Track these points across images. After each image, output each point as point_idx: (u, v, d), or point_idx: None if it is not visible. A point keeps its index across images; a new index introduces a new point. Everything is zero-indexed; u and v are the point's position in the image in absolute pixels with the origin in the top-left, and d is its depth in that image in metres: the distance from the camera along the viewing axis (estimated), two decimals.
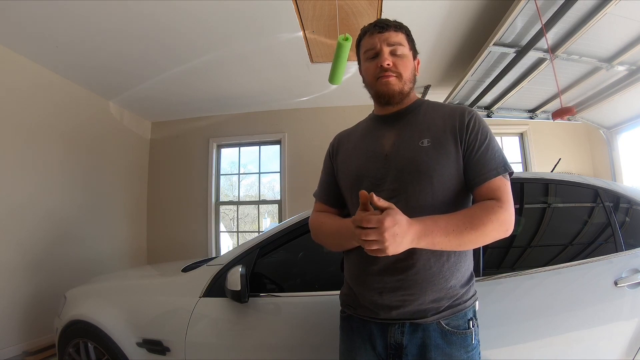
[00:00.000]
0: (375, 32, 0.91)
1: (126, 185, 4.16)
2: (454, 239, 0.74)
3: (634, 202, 1.48)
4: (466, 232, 0.74)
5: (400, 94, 0.90)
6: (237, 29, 2.64)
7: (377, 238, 0.67)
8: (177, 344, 1.43)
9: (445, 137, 0.85)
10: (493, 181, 0.81)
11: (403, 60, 0.90)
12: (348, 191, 0.94)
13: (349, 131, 1.05)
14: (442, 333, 0.80)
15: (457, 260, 0.83)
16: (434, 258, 0.80)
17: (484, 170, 0.82)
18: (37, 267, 2.94)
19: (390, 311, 0.82)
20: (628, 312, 1.23)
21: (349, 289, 0.92)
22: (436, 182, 0.82)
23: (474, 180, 0.83)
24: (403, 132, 0.90)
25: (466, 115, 0.87)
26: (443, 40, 2.85)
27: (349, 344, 0.90)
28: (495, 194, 0.80)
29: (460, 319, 0.82)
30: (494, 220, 0.76)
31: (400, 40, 0.91)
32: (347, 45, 1.95)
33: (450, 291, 0.82)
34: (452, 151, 0.84)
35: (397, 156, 0.86)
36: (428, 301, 0.80)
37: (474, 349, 0.83)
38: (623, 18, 2.07)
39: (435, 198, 0.82)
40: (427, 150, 0.84)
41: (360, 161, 0.92)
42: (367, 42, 0.93)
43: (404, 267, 0.80)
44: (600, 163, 3.96)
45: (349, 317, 0.92)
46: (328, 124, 4.20)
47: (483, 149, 0.83)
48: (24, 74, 2.92)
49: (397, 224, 0.68)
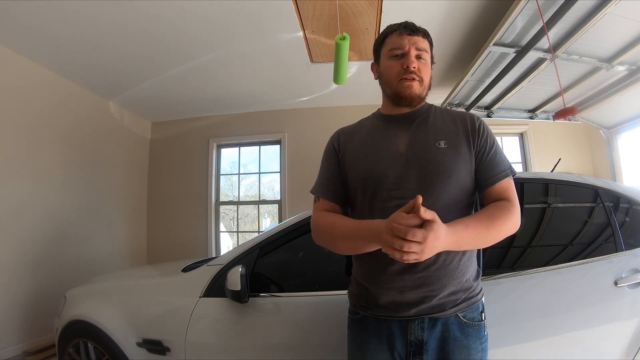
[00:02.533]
0: (405, 33, 0.92)
1: (126, 185, 4.16)
2: (478, 239, 0.80)
3: (634, 202, 1.48)
4: (489, 233, 0.80)
5: (419, 98, 0.93)
6: (236, 29, 2.64)
7: (417, 250, 0.68)
8: (177, 344, 1.43)
9: (459, 140, 0.89)
10: (502, 182, 0.88)
11: (426, 66, 0.93)
12: (360, 190, 0.91)
13: (351, 128, 1.03)
14: (459, 325, 0.84)
15: (471, 254, 0.88)
16: (453, 253, 0.84)
17: (494, 172, 0.88)
18: (37, 267, 2.94)
19: (410, 308, 0.83)
20: (628, 312, 1.23)
21: (362, 289, 0.91)
22: (454, 183, 0.86)
23: (486, 181, 0.88)
24: (417, 133, 0.91)
25: (475, 120, 0.92)
26: (443, 40, 2.85)
27: (362, 345, 0.89)
28: (505, 194, 0.87)
29: (474, 311, 0.86)
30: (510, 218, 0.83)
31: (425, 47, 0.94)
32: (345, 44, 1.95)
33: (466, 284, 0.86)
34: (466, 153, 0.88)
35: (414, 156, 0.88)
36: (447, 295, 0.83)
37: (486, 340, 0.87)
38: (623, 18, 2.07)
39: (452, 198, 0.86)
40: (444, 151, 0.87)
41: (373, 160, 0.91)
42: (394, 41, 0.93)
43: (425, 264, 0.81)
44: (600, 163, 3.95)
45: (363, 318, 0.90)
46: (328, 124, 4.17)
47: (492, 152, 0.89)
48: (24, 73, 2.92)
49: (439, 239, 0.70)
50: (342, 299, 1.04)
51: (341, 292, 1.17)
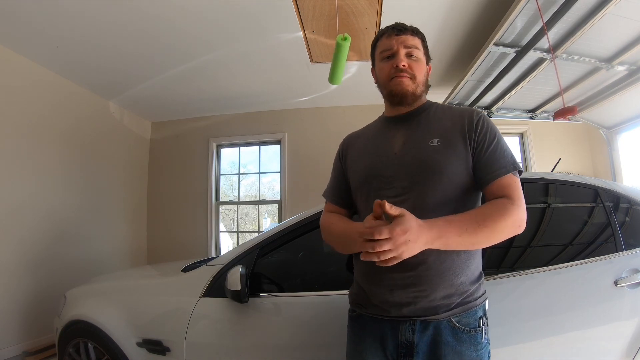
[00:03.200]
0: (392, 34, 0.93)
1: (126, 185, 4.15)
2: (467, 238, 0.75)
3: (634, 202, 1.48)
4: (479, 231, 0.75)
5: (412, 95, 0.92)
6: (237, 29, 2.64)
7: (390, 247, 0.67)
8: (177, 344, 1.43)
9: (454, 137, 0.87)
10: (503, 179, 0.83)
11: (418, 63, 0.92)
12: (357, 190, 0.95)
13: (358, 133, 1.06)
14: (452, 330, 0.80)
15: (467, 257, 0.84)
16: (445, 254, 0.80)
17: (493, 168, 0.84)
18: (37, 267, 2.94)
19: (401, 308, 0.82)
20: (628, 312, 1.23)
21: (359, 288, 0.92)
22: (446, 180, 0.83)
23: (485, 178, 0.84)
24: (413, 133, 0.91)
25: (474, 116, 0.89)
26: (443, 40, 2.85)
27: (359, 343, 0.90)
28: (506, 191, 0.82)
29: (470, 317, 0.82)
30: (506, 217, 0.77)
31: (416, 44, 0.93)
32: (345, 45, 1.94)
33: (461, 287, 0.82)
34: (462, 150, 0.85)
35: (407, 155, 0.88)
36: (439, 297, 0.80)
37: (483, 347, 0.83)
38: (623, 18, 2.07)
39: (446, 196, 0.83)
40: (437, 149, 0.86)
41: (370, 160, 0.93)
42: (384, 43, 0.94)
43: (415, 263, 0.80)
44: (600, 163, 3.95)
45: (360, 316, 0.91)
46: (328, 124, 4.20)
47: (492, 147, 0.85)
48: (24, 73, 2.92)
49: (409, 231, 0.68)
50: (342, 299, 1.04)
51: (341, 292, 1.17)
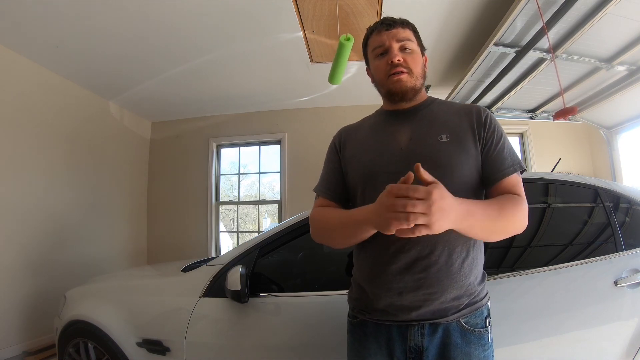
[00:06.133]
0: (382, 30, 0.90)
1: (126, 185, 4.15)
2: (489, 224, 0.74)
3: (634, 202, 1.48)
4: (499, 219, 0.74)
5: (412, 90, 0.89)
6: (237, 29, 2.64)
7: (425, 211, 0.60)
8: (177, 344, 1.43)
9: (464, 134, 0.85)
10: (511, 178, 0.83)
11: (413, 55, 0.89)
12: (359, 186, 0.89)
13: (355, 125, 1.01)
14: (461, 332, 0.79)
15: (475, 256, 0.83)
16: (455, 254, 0.79)
17: (502, 167, 0.83)
18: (37, 267, 2.94)
19: (410, 312, 0.79)
20: (628, 312, 1.23)
21: (361, 293, 0.88)
22: (456, 178, 0.81)
23: (493, 176, 0.83)
24: (419, 128, 0.88)
25: (482, 113, 0.87)
26: (443, 40, 2.85)
27: (362, 350, 0.85)
28: (514, 189, 0.82)
29: (477, 317, 0.81)
30: (521, 210, 0.78)
31: (408, 36, 0.90)
32: (348, 45, 1.94)
33: (469, 288, 0.81)
34: (472, 147, 0.84)
35: (415, 151, 0.84)
36: (449, 299, 0.79)
37: (489, 347, 0.82)
38: (623, 18, 2.07)
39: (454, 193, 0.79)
40: (446, 145, 0.83)
41: (373, 155, 0.88)
42: (375, 40, 0.91)
43: (426, 264, 0.78)
44: (600, 163, 3.96)
45: (362, 322, 0.87)
46: (328, 124, 4.19)
47: (500, 146, 0.84)
48: (25, 74, 2.92)
49: (445, 198, 0.63)
50: (342, 299, 1.03)
51: (341, 292, 1.17)
